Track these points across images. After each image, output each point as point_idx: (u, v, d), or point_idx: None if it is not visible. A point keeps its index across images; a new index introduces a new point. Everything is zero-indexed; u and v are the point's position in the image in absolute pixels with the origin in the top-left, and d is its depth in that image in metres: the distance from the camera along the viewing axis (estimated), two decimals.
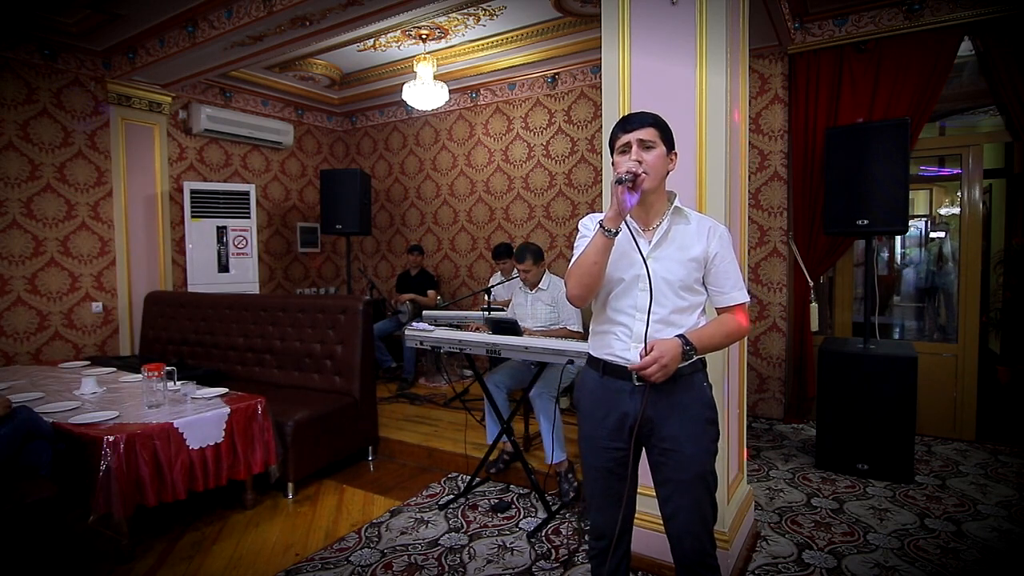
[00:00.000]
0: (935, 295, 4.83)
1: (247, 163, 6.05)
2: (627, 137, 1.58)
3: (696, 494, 1.58)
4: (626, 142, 1.58)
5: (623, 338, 1.61)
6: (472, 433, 3.69)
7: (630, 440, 1.60)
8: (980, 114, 4.47)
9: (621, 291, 1.61)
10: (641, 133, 1.57)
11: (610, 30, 2.40)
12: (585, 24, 4.48)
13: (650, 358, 1.46)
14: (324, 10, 3.57)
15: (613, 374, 1.62)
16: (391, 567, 2.48)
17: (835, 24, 4.01)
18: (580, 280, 1.58)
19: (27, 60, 4.38)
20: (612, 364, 1.62)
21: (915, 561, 2.46)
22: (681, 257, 1.59)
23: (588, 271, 1.56)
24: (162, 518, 2.88)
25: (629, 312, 1.60)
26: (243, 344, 4.18)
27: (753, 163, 4.43)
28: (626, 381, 1.59)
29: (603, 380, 1.64)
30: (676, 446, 1.57)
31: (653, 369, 1.46)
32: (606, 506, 1.69)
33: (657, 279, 1.56)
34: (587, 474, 1.73)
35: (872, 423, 3.30)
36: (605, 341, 1.65)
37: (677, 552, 1.63)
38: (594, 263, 1.55)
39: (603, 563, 1.73)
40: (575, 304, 1.66)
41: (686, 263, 1.58)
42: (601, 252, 1.54)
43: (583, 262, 1.57)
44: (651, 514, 2.08)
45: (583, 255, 1.58)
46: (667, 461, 1.60)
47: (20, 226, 4.41)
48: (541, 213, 5.58)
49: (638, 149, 1.56)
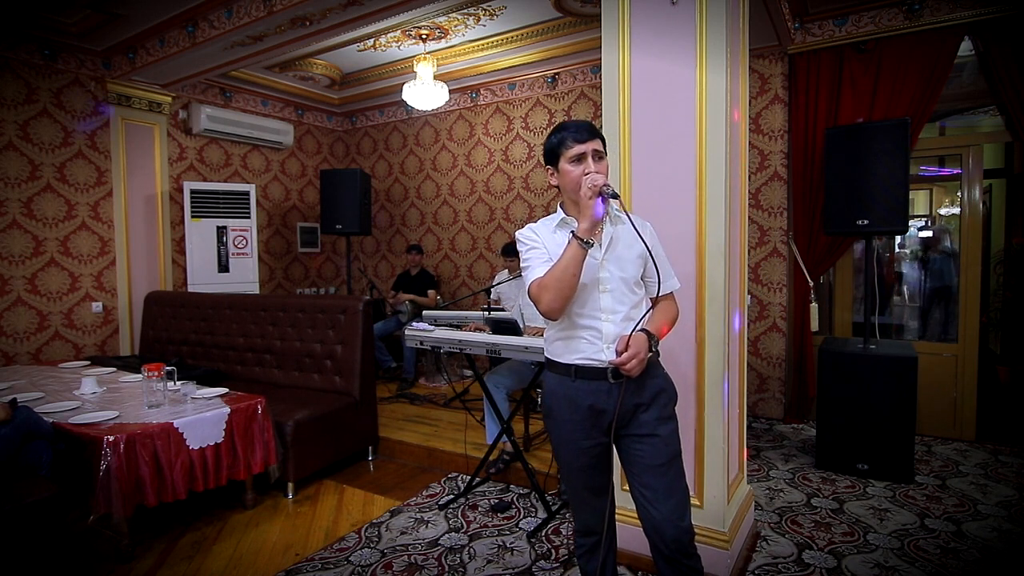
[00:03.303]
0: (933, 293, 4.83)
1: (247, 163, 6.05)
2: (582, 148, 1.63)
3: (673, 476, 1.63)
4: (581, 152, 1.63)
5: (594, 341, 1.64)
6: (472, 433, 3.69)
7: (609, 435, 1.65)
8: (980, 114, 4.47)
9: (583, 297, 1.64)
10: (596, 144, 1.64)
11: (610, 30, 2.40)
12: (585, 24, 4.48)
13: (629, 354, 1.52)
14: (324, 10, 3.57)
15: (587, 376, 1.64)
16: (391, 567, 2.48)
17: (835, 24, 4.01)
18: (560, 293, 1.57)
19: (27, 60, 4.38)
20: (584, 367, 1.65)
21: (915, 561, 2.46)
22: (630, 255, 1.67)
23: (568, 283, 1.56)
24: (162, 518, 2.88)
25: (595, 315, 1.64)
26: (243, 344, 4.19)
27: (753, 163, 4.43)
28: (602, 381, 1.63)
29: (575, 383, 1.65)
30: (652, 430, 1.63)
31: (633, 364, 1.52)
32: (592, 500, 1.75)
33: (615, 279, 1.65)
34: (568, 477, 1.76)
35: (872, 423, 3.30)
36: (573, 346, 1.66)
37: (657, 544, 1.62)
38: (573, 275, 1.56)
39: (592, 559, 1.76)
40: (551, 318, 1.64)
41: (635, 260, 1.67)
42: (579, 263, 1.56)
43: (561, 276, 1.55)
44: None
45: (560, 269, 1.55)
46: (644, 447, 1.64)
47: (20, 226, 4.40)
48: (541, 213, 5.57)
49: (594, 160, 1.62)
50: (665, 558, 1.62)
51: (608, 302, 1.63)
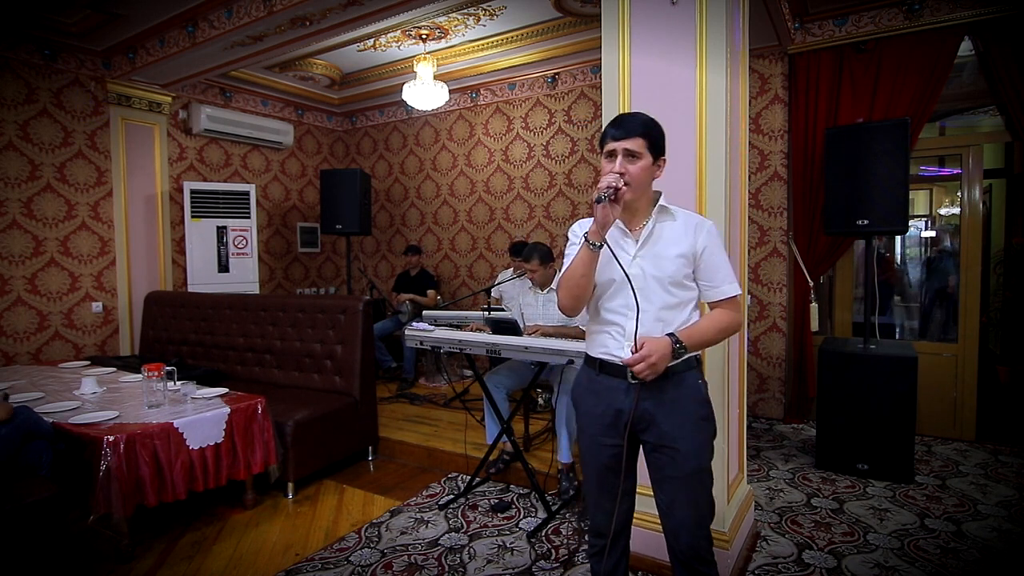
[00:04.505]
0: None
1: (247, 163, 6.05)
2: (614, 145, 1.58)
3: (691, 490, 1.60)
4: (611, 149, 1.59)
5: (617, 337, 1.63)
6: (472, 433, 3.69)
7: (624, 436, 1.62)
8: (980, 114, 4.47)
9: (613, 292, 1.63)
10: (628, 143, 1.56)
11: (610, 30, 2.40)
12: (585, 24, 4.48)
13: (638, 356, 1.49)
14: (324, 10, 3.57)
15: (609, 372, 1.65)
16: (391, 567, 2.48)
17: (835, 24, 4.01)
18: (570, 292, 1.61)
19: (27, 60, 4.38)
20: (607, 362, 1.65)
21: (915, 561, 2.46)
22: (668, 254, 1.60)
23: (576, 283, 1.59)
24: (162, 518, 2.87)
25: (622, 311, 1.62)
26: (243, 344, 4.19)
27: (753, 163, 4.43)
28: (621, 379, 1.61)
29: (599, 378, 1.67)
30: (670, 442, 1.59)
31: (641, 367, 1.49)
32: (604, 502, 1.71)
33: (646, 277, 1.60)
34: (586, 472, 1.75)
35: (872, 423, 3.30)
36: (600, 340, 1.68)
37: (673, 547, 1.64)
38: (582, 275, 1.57)
39: (599, 561, 1.74)
40: (567, 314, 1.68)
41: (674, 259, 1.60)
42: (588, 265, 1.56)
43: (571, 275, 1.59)
44: (651, 514, 2.07)
45: (571, 267, 1.60)
46: (662, 458, 1.62)
47: (20, 226, 4.40)
48: (541, 213, 5.58)
49: (623, 160, 1.56)
50: (680, 561, 1.63)
51: (636, 300, 1.58)
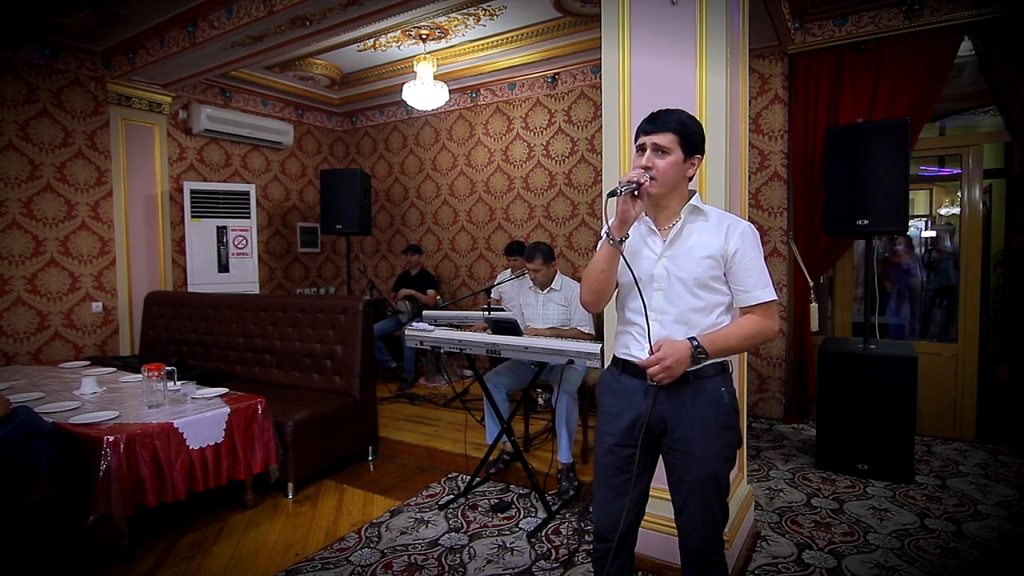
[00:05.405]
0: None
1: (247, 163, 6.05)
2: (644, 139, 1.55)
3: (704, 495, 1.57)
4: (641, 143, 1.56)
5: (638, 338, 1.60)
6: (472, 433, 3.69)
7: (639, 439, 1.59)
8: (980, 114, 4.47)
9: (635, 292, 1.59)
10: (658, 138, 1.52)
11: (610, 30, 2.40)
12: (585, 24, 4.48)
13: (653, 358, 1.46)
14: (324, 10, 3.57)
15: (630, 373, 1.63)
16: (391, 567, 2.48)
17: (835, 24, 4.01)
18: (591, 287, 1.61)
19: (27, 60, 4.38)
20: (629, 363, 1.64)
21: (915, 561, 2.46)
22: (696, 255, 1.55)
23: (596, 279, 1.59)
24: (162, 518, 2.87)
25: (643, 312, 1.58)
26: (243, 344, 4.18)
27: (753, 163, 4.43)
28: (641, 380, 1.59)
29: (621, 378, 1.66)
30: (686, 447, 1.57)
31: (656, 370, 1.45)
32: (610, 501, 1.67)
33: (670, 277, 1.56)
34: (596, 469, 1.73)
35: (872, 423, 3.30)
36: (623, 340, 1.67)
37: (684, 546, 1.64)
38: (601, 271, 1.57)
39: (604, 566, 1.69)
40: (589, 309, 1.69)
41: (701, 260, 1.54)
42: (608, 260, 1.55)
43: (592, 270, 1.60)
44: (652, 514, 2.08)
45: (592, 263, 1.61)
46: (677, 462, 1.60)
47: (20, 226, 4.40)
48: (541, 213, 5.58)
49: (651, 154, 1.53)
50: (690, 560, 1.63)
51: (659, 301, 1.56)
